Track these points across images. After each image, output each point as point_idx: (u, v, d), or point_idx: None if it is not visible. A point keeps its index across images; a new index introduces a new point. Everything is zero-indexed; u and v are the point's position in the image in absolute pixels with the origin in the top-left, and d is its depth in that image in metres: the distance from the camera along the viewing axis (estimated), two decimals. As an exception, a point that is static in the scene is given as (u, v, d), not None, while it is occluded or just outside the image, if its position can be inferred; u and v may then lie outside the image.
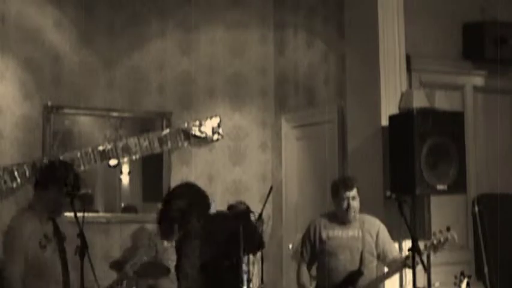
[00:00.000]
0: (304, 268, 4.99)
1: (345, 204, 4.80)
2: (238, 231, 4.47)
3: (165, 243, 5.87)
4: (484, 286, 5.67)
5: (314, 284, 5.02)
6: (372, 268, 4.81)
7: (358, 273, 4.69)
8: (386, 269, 4.85)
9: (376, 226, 4.89)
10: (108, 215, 6.69)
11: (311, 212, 6.28)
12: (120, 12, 6.84)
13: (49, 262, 3.93)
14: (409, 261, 4.44)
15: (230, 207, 5.56)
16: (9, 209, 5.73)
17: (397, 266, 4.68)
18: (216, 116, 6.96)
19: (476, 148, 6.12)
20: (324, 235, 4.88)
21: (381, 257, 4.85)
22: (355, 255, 4.77)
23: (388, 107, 5.61)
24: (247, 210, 4.99)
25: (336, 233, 4.87)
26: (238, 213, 4.94)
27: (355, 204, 4.82)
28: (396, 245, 5.07)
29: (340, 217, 4.88)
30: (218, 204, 6.12)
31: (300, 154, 6.97)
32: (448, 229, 4.62)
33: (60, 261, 3.96)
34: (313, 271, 5.02)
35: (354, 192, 4.82)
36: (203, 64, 7.14)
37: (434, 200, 5.83)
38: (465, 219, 6.10)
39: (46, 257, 3.92)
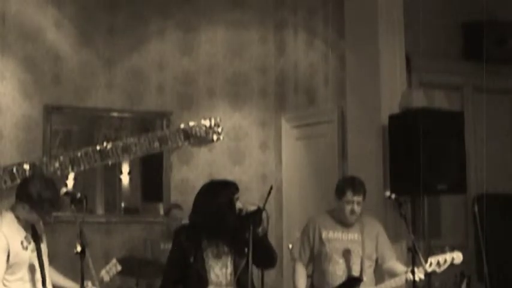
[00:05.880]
0: (300, 268, 4.80)
1: (349, 209, 4.63)
2: None
3: (165, 244, 5.87)
4: (484, 286, 5.67)
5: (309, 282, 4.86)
6: (370, 273, 4.68)
7: (358, 280, 4.55)
8: (388, 280, 4.64)
9: (375, 229, 4.77)
10: (108, 215, 6.71)
11: (311, 212, 6.26)
12: (120, 12, 6.83)
13: (29, 261, 4.05)
14: (410, 276, 4.38)
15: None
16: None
17: (401, 280, 4.51)
18: (216, 116, 6.95)
19: (476, 148, 6.12)
20: (323, 236, 4.72)
21: (379, 262, 4.73)
22: (355, 259, 4.63)
23: (388, 107, 5.61)
24: None
25: (336, 235, 4.71)
26: None
27: (359, 209, 4.66)
28: (395, 246, 5.04)
29: (341, 219, 4.72)
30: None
31: (300, 154, 6.96)
32: (452, 249, 4.56)
33: (38, 261, 4.08)
34: (309, 270, 4.85)
35: (361, 198, 4.65)
36: (203, 64, 7.13)
37: (434, 200, 5.84)
38: (465, 219, 6.10)
39: (27, 256, 4.04)
